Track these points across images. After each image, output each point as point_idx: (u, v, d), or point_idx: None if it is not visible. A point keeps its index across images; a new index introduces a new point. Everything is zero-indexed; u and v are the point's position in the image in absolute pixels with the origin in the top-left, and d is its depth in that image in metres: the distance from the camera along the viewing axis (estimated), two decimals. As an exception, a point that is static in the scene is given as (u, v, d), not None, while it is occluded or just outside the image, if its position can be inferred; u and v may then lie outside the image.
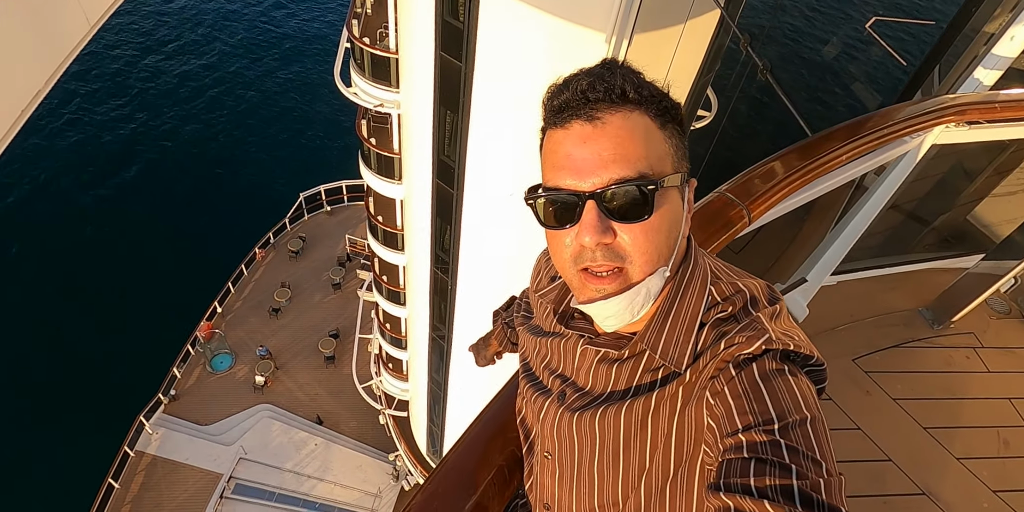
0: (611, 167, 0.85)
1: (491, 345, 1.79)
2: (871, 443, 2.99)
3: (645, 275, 0.89)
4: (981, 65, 2.97)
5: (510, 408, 1.25)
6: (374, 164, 13.57)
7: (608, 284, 0.90)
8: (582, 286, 0.93)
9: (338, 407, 21.22)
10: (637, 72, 0.90)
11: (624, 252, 0.88)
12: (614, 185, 0.85)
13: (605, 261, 0.89)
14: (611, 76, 0.87)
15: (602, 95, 0.86)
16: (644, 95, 0.87)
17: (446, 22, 8.29)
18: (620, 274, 0.89)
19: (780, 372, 0.85)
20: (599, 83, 0.86)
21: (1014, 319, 3.83)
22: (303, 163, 28.51)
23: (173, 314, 22.44)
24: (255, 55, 33.03)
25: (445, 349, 14.40)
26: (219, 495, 18.85)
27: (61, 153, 27.45)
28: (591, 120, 0.86)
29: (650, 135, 0.87)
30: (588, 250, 0.89)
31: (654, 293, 0.92)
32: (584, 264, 0.90)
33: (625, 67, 0.90)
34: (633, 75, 0.89)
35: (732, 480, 0.76)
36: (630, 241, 0.87)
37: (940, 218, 3.91)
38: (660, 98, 0.89)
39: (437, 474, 1.18)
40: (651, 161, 0.86)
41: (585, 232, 0.87)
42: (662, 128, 0.89)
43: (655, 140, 0.87)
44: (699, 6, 7.31)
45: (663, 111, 0.89)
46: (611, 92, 0.86)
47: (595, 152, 0.85)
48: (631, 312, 0.92)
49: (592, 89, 0.86)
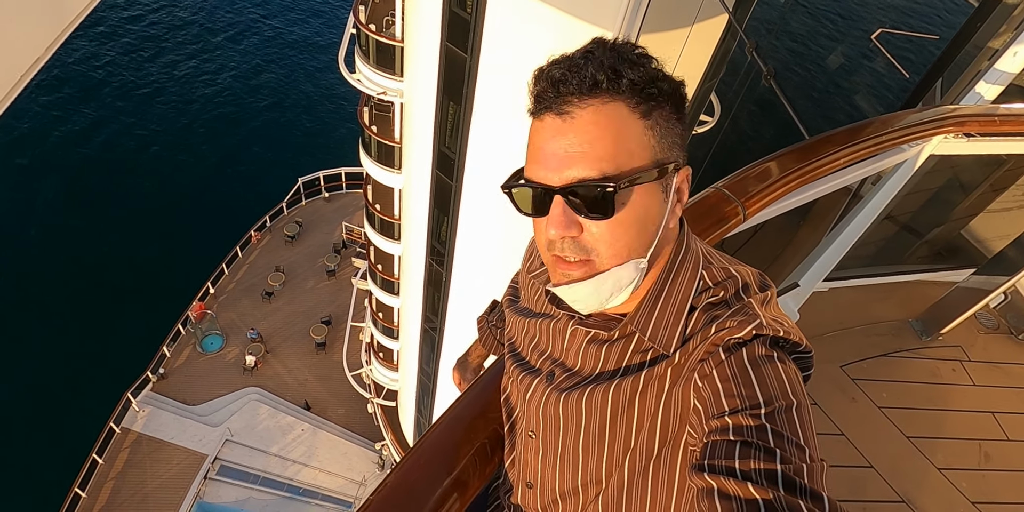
0: (575, 165, 0.84)
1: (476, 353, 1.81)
2: (854, 449, 3.02)
3: (611, 266, 0.90)
4: (983, 80, 2.99)
5: (494, 386, 1.26)
6: (374, 152, 13.54)
7: (575, 270, 0.91)
8: (553, 270, 0.95)
9: (326, 394, 21.25)
10: (627, 53, 0.85)
11: (590, 246, 0.89)
12: (575, 184, 0.85)
13: (571, 253, 0.90)
14: (586, 64, 0.83)
15: (574, 87, 0.83)
16: (623, 83, 0.83)
17: (454, 13, 8.27)
18: (587, 263, 0.91)
19: (769, 358, 0.85)
20: (571, 74, 0.84)
21: (1002, 334, 3.86)
22: (303, 148, 28.44)
23: (166, 293, 22.39)
24: (259, 37, 32.85)
25: (436, 341, 14.42)
26: (203, 476, 18.88)
27: (62, 131, 27.30)
28: (560, 114, 0.84)
29: (623, 129, 0.84)
30: (557, 241, 0.90)
31: (625, 283, 0.92)
32: (555, 252, 0.92)
33: (612, 49, 0.85)
34: (616, 60, 0.84)
35: (717, 462, 0.77)
36: (596, 236, 0.88)
37: (934, 231, 3.94)
38: (644, 84, 0.84)
39: (417, 449, 1.19)
40: (619, 159, 0.84)
41: (551, 225, 0.88)
42: (644, 117, 0.85)
43: (629, 135, 0.84)
44: (707, 10, 7.31)
45: (648, 97, 0.85)
46: (582, 84, 0.83)
47: (563, 148, 0.85)
48: (598, 299, 0.94)
49: (564, 81, 0.84)
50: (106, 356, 21.29)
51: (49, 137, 26.88)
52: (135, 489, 18.61)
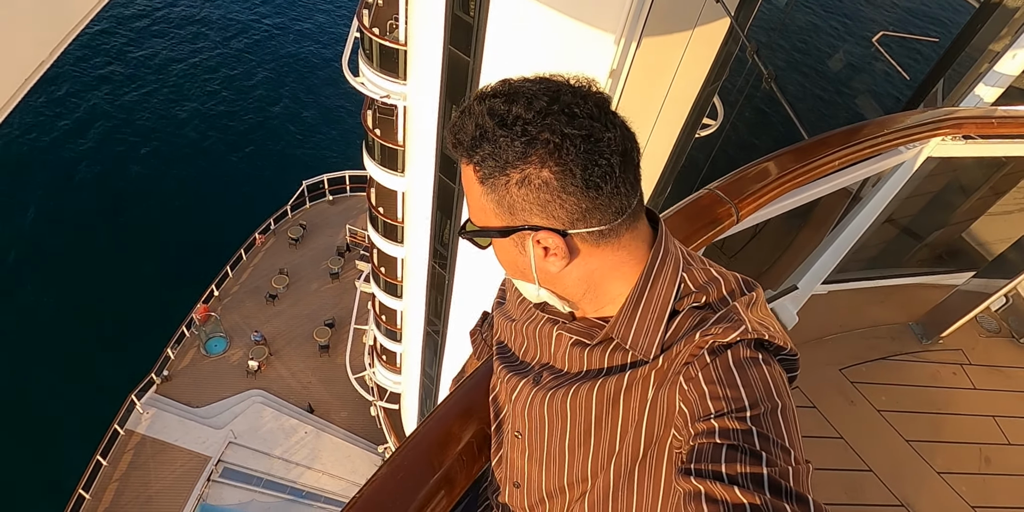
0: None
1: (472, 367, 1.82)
2: (852, 453, 3.00)
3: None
4: (983, 82, 2.98)
5: (482, 386, 1.26)
6: (378, 155, 13.58)
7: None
8: None
9: (330, 396, 21.26)
10: (484, 118, 0.86)
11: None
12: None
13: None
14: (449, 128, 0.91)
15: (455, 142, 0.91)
16: (458, 152, 0.90)
17: (456, 16, 8.30)
18: None
19: (754, 360, 0.86)
20: (448, 132, 0.92)
21: (1003, 338, 3.84)
22: (307, 151, 28.53)
23: (170, 296, 22.45)
24: (267, 41, 33.00)
25: (439, 343, 14.42)
26: (206, 478, 18.90)
27: (59, 132, 27.43)
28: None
29: (470, 188, 0.92)
30: None
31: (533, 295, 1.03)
32: None
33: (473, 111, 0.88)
34: (466, 126, 0.87)
35: (703, 465, 0.77)
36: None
37: (934, 234, 3.92)
38: (469, 157, 0.88)
39: (405, 447, 1.20)
40: (474, 212, 0.95)
41: None
42: (483, 182, 0.88)
43: (472, 194, 0.92)
44: (709, 13, 7.31)
45: (479, 166, 0.87)
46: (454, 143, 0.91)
47: None
48: (531, 297, 1.05)
49: (448, 135, 0.92)
50: (110, 358, 21.35)
51: (46, 138, 27.02)
52: (139, 491, 18.64)
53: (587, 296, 0.99)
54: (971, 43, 3.40)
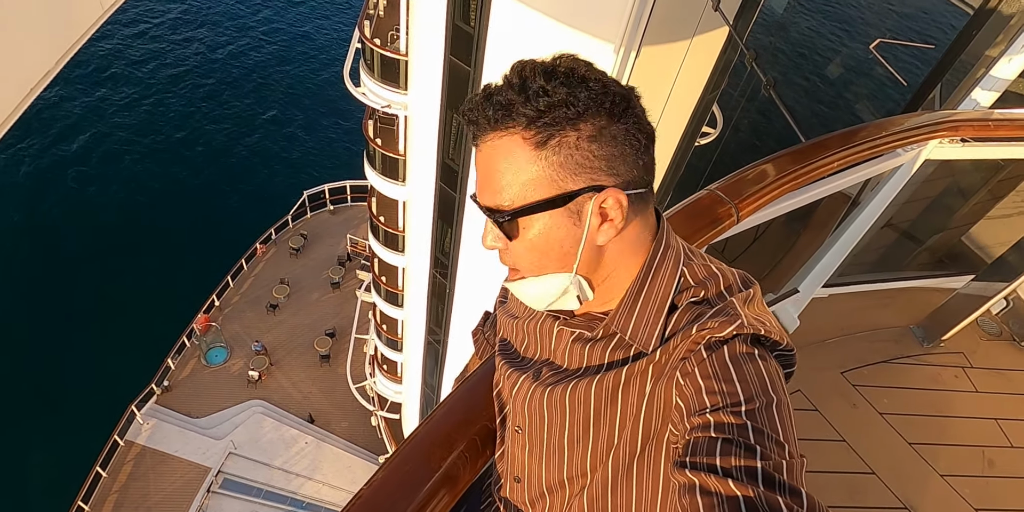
0: (482, 193, 0.94)
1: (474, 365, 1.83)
2: (855, 455, 3.00)
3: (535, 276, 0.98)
4: (980, 86, 3.02)
5: (486, 382, 1.27)
6: (379, 164, 13.63)
7: (513, 275, 1.00)
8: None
9: (330, 406, 21.20)
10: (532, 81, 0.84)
11: (511, 261, 0.98)
12: (483, 209, 0.94)
13: (505, 263, 1.00)
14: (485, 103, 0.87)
15: (476, 126, 0.89)
16: (515, 119, 0.85)
17: (457, 26, 8.37)
18: (516, 272, 0.99)
19: (750, 355, 0.87)
20: (474, 113, 0.88)
21: (1004, 341, 3.84)
22: (308, 161, 28.63)
23: (170, 306, 22.46)
24: (266, 51, 33.21)
25: (440, 353, 14.40)
26: (206, 489, 18.80)
27: (62, 144, 27.55)
28: (475, 145, 0.92)
29: (515, 163, 0.87)
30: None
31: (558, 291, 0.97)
32: None
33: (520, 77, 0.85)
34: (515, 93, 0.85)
35: (698, 459, 0.78)
36: (513, 253, 0.97)
37: (934, 238, 3.94)
38: (539, 114, 0.84)
39: (408, 443, 1.20)
40: (511, 191, 0.89)
41: (482, 238, 0.98)
42: (538, 148, 0.86)
43: (520, 167, 0.87)
44: (708, 22, 7.37)
45: (544, 127, 0.85)
46: (480, 122, 0.88)
47: (477, 176, 0.94)
48: (542, 301, 1.00)
49: (469, 120, 0.90)
50: (111, 368, 21.31)
51: (49, 150, 27.12)
52: (138, 502, 18.54)
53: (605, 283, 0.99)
54: (967, 49, 3.45)
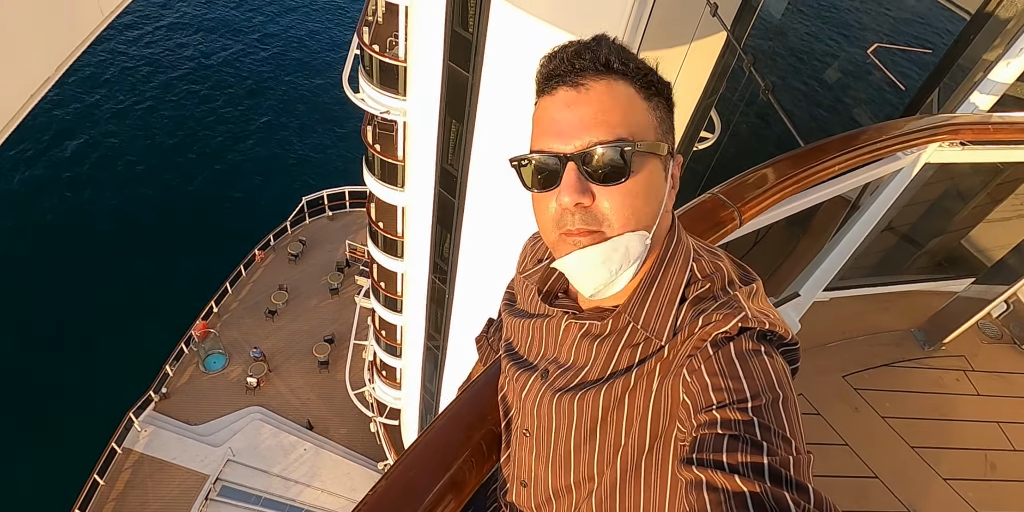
0: (592, 130, 0.88)
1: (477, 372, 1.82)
2: (858, 459, 3.00)
3: (622, 233, 0.91)
4: (978, 90, 3.03)
5: (491, 386, 1.27)
6: (378, 170, 13.64)
7: (585, 238, 0.92)
8: (562, 245, 0.95)
9: (329, 413, 21.12)
10: (626, 49, 0.93)
11: (601, 215, 0.90)
12: (593, 147, 0.88)
13: (583, 225, 0.91)
14: (597, 47, 0.90)
15: (588, 63, 0.89)
16: (630, 67, 0.90)
17: (455, 33, 8.40)
18: (597, 234, 0.91)
19: (756, 352, 0.87)
20: (585, 52, 0.90)
21: (1005, 344, 3.84)
22: (307, 167, 28.64)
23: (169, 312, 22.40)
24: (260, 57, 33.27)
25: (439, 358, 14.37)
26: (204, 497, 18.70)
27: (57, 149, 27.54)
28: (575, 86, 0.89)
29: (632, 104, 0.90)
30: (568, 213, 0.91)
31: (633, 255, 0.92)
32: (564, 228, 0.92)
33: (615, 43, 0.93)
34: (621, 49, 0.91)
35: (705, 455, 0.78)
36: (608, 204, 0.90)
37: (934, 241, 3.95)
38: (646, 72, 0.92)
39: (413, 449, 1.19)
40: (632, 128, 0.89)
41: (564, 192, 0.89)
42: (647, 99, 0.92)
43: (638, 109, 0.90)
44: (706, 27, 7.40)
45: (648, 84, 0.92)
46: (596, 61, 0.89)
47: (578, 116, 0.89)
48: (608, 270, 0.93)
49: (578, 57, 0.90)
50: (108, 375, 21.24)
51: (44, 156, 27.11)
52: (136, 510, 18.43)
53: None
54: (964, 53, 3.46)
